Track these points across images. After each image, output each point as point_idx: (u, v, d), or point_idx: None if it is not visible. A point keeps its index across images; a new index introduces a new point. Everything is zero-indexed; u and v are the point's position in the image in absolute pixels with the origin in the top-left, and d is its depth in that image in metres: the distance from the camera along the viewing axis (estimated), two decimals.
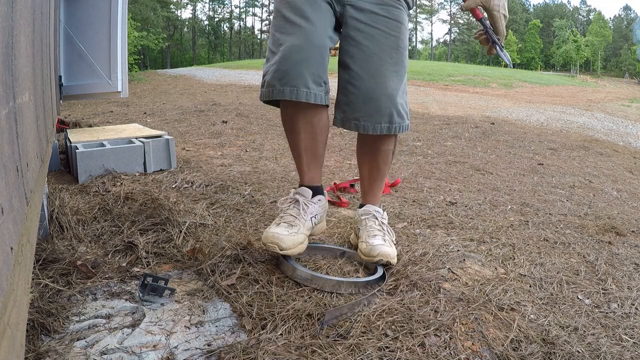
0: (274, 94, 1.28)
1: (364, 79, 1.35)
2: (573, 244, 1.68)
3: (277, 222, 1.33)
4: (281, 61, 1.26)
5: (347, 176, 2.66)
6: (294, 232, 1.29)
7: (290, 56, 1.26)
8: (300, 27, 1.28)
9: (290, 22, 1.29)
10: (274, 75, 1.28)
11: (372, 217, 1.45)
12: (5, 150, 0.50)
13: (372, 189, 1.53)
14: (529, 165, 3.48)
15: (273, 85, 1.27)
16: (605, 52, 62.32)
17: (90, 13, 3.20)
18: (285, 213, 1.35)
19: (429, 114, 7.19)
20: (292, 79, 1.26)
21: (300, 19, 1.28)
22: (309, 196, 1.38)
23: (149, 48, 29.46)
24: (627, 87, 28.62)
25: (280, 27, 1.31)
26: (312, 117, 1.35)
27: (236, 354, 0.89)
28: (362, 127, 1.38)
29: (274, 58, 1.29)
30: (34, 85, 0.94)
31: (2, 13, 0.51)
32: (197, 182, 2.24)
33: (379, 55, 1.35)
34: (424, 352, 0.94)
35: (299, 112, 1.34)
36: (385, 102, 1.36)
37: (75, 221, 1.56)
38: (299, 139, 1.38)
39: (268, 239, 1.26)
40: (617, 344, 1.03)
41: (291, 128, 1.38)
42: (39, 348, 0.88)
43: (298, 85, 1.26)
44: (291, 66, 1.26)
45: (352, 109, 1.37)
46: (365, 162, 1.52)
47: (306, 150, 1.39)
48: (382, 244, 1.33)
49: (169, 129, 4.35)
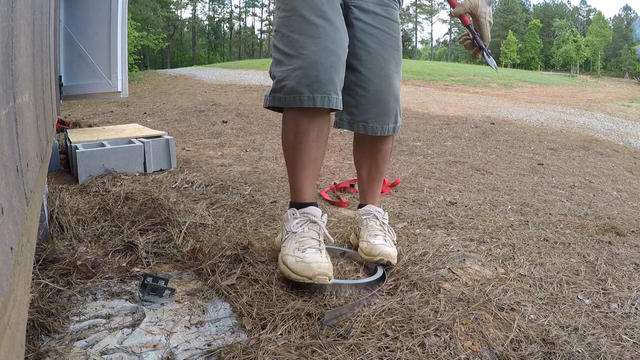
0: (303, 101, 1.19)
1: (373, 81, 1.35)
2: (573, 244, 1.68)
3: (300, 247, 1.19)
4: (309, 66, 1.19)
5: (347, 176, 2.66)
6: (325, 255, 1.19)
7: (320, 61, 1.19)
8: (324, 30, 1.22)
9: (311, 24, 1.22)
10: (300, 82, 1.19)
11: (373, 217, 1.45)
12: (5, 150, 0.50)
13: (372, 189, 1.53)
14: (529, 165, 3.48)
15: (300, 92, 1.19)
16: (605, 52, 62.33)
17: (90, 13, 3.20)
18: (304, 237, 1.22)
19: (429, 114, 7.18)
20: (324, 85, 1.19)
21: (323, 21, 1.22)
22: (319, 215, 1.28)
23: (149, 48, 29.48)
24: (627, 87, 28.63)
25: (299, 28, 1.23)
26: (325, 124, 1.29)
27: (236, 354, 0.89)
28: (370, 128, 1.38)
29: (293, 62, 1.21)
30: (34, 85, 0.94)
31: (2, 13, 0.51)
32: (197, 182, 2.24)
33: (384, 57, 1.36)
34: (424, 352, 0.94)
35: (315, 120, 1.26)
36: (393, 103, 1.38)
37: (75, 221, 1.56)
38: (309, 150, 1.27)
39: (314, 271, 1.11)
40: (617, 344, 1.03)
41: (303, 139, 1.27)
42: (39, 348, 0.88)
43: (329, 92, 1.21)
44: (322, 72, 1.19)
45: (361, 111, 1.37)
46: (365, 162, 1.51)
47: (315, 162, 1.30)
48: (383, 244, 1.33)
49: (169, 129, 4.35)
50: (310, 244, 1.19)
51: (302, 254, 1.16)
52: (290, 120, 1.28)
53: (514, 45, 59.70)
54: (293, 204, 1.31)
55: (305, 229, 1.23)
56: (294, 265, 1.14)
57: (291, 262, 1.15)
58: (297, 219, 1.25)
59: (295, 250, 1.18)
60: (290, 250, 1.19)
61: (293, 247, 1.19)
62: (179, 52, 59.20)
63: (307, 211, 1.26)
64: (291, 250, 1.19)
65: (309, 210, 1.26)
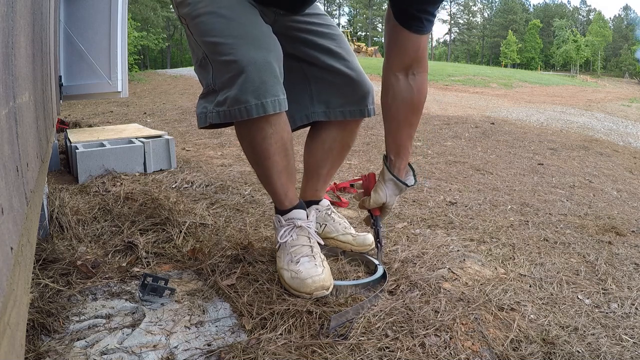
0: (251, 110, 1.07)
1: (350, 60, 1.35)
2: (573, 244, 1.68)
3: (293, 259, 1.16)
4: (251, 70, 1.06)
5: (347, 176, 2.66)
6: (318, 263, 1.15)
7: (262, 62, 1.07)
8: (255, 26, 1.11)
9: (238, 22, 1.10)
10: (243, 88, 1.06)
11: (332, 211, 1.48)
12: (5, 150, 0.50)
13: (327, 183, 1.50)
14: (529, 165, 3.48)
15: (247, 101, 1.06)
16: (605, 52, 62.34)
17: (90, 13, 3.20)
18: (295, 245, 1.18)
19: (429, 114, 7.18)
20: (271, 87, 1.08)
21: (247, 17, 1.11)
22: (305, 216, 1.23)
23: (149, 48, 29.49)
24: (627, 87, 28.63)
25: (225, 30, 1.09)
26: (283, 126, 1.15)
27: (236, 354, 0.89)
28: (349, 113, 1.37)
29: (232, 68, 1.07)
30: (34, 85, 0.94)
31: (2, 13, 0.51)
32: (197, 182, 2.24)
33: (344, 47, 1.37)
34: (424, 352, 0.94)
35: (270, 127, 1.13)
36: (369, 83, 1.39)
37: (75, 221, 1.56)
38: (274, 161, 1.17)
39: (309, 287, 1.09)
40: (617, 344, 1.03)
41: (264, 154, 1.15)
42: (39, 348, 0.88)
43: (278, 94, 1.09)
44: (267, 73, 1.07)
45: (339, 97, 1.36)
46: (330, 156, 1.44)
47: (286, 168, 1.20)
48: (365, 233, 1.43)
49: (169, 129, 4.35)
50: (303, 252, 1.17)
51: (297, 267, 1.13)
52: (243, 135, 1.17)
53: (514, 45, 59.72)
54: (277, 210, 1.26)
55: (294, 236, 1.20)
56: (290, 282, 1.13)
57: (287, 278, 1.14)
58: (284, 227, 1.21)
59: (289, 263, 1.16)
60: (285, 263, 1.17)
61: (286, 259, 1.17)
62: (179, 52, 59.15)
63: (291, 216, 1.21)
64: (285, 264, 1.17)
65: (293, 214, 1.22)
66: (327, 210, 1.47)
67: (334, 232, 1.44)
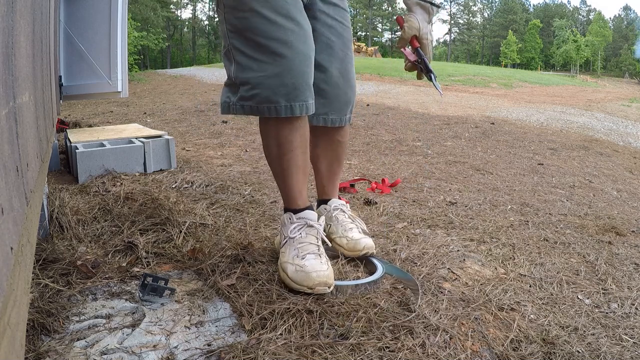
0: (279, 110, 1.15)
1: (334, 75, 1.36)
2: (573, 244, 1.68)
3: (299, 254, 1.17)
4: (284, 74, 1.14)
5: (347, 176, 2.66)
6: (325, 260, 1.17)
7: (295, 68, 1.15)
8: (293, 32, 1.16)
9: (278, 26, 1.15)
10: (276, 90, 1.14)
11: (341, 211, 1.46)
12: (5, 150, 0.50)
13: (333, 182, 1.52)
14: (529, 165, 3.47)
15: (277, 102, 1.15)
16: (605, 52, 62.33)
17: (90, 13, 3.20)
18: (303, 242, 1.20)
19: (429, 114, 7.18)
20: (301, 92, 1.16)
21: (289, 22, 1.16)
22: (316, 218, 1.25)
23: (149, 48, 29.49)
24: (627, 87, 28.63)
25: (265, 32, 1.15)
26: (305, 127, 1.24)
27: (236, 354, 0.89)
28: (330, 120, 1.39)
29: (265, 68, 1.15)
30: (34, 85, 0.94)
31: (2, 13, 0.51)
32: (197, 182, 2.24)
33: (344, 50, 1.38)
34: (424, 352, 0.94)
35: (296, 127, 1.21)
36: (350, 94, 1.41)
37: (75, 221, 1.56)
38: (295, 159, 1.23)
39: (313, 280, 1.10)
40: (617, 344, 1.03)
41: (287, 148, 1.22)
42: (39, 348, 0.88)
43: (307, 99, 1.18)
44: (299, 79, 1.15)
45: (322, 104, 1.36)
46: (324, 156, 1.48)
47: (303, 167, 1.25)
48: (363, 237, 1.36)
49: (169, 129, 4.35)
50: (310, 250, 1.18)
51: (302, 262, 1.14)
52: (270, 130, 1.24)
53: (514, 45, 59.70)
54: (288, 209, 1.28)
55: (303, 234, 1.21)
56: (293, 275, 1.13)
57: (291, 271, 1.14)
58: (294, 223, 1.23)
59: (295, 258, 1.17)
60: (290, 257, 1.18)
61: (292, 254, 1.18)
62: (179, 52, 59.20)
63: (304, 215, 1.24)
64: (290, 258, 1.17)
65: (305, 214, 1.24)
66: (334, 210, 1.47)
67: (333, 233, 1.44)
